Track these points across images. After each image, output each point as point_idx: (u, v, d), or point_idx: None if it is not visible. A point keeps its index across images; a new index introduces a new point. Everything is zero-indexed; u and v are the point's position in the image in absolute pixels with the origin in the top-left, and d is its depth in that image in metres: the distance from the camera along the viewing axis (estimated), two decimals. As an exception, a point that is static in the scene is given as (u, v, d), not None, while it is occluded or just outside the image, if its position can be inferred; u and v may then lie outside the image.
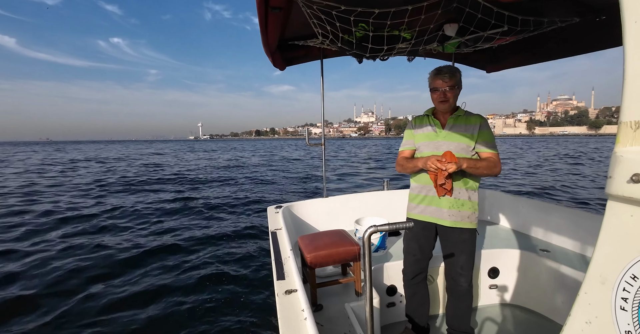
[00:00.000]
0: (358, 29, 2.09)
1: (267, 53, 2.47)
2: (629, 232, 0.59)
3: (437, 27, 2.21)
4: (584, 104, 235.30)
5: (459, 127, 1.82)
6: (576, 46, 2.48)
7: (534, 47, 2.68)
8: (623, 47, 0.59)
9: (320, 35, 2.21)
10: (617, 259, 0.60)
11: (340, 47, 2.34)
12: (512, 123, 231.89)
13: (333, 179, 13.17)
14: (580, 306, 0.66)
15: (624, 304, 0.60)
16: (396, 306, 2.28)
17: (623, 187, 0.59)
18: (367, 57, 2.53)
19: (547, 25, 2.06)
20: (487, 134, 1.79)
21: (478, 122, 1.79)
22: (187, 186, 12.02)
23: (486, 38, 2.25)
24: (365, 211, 3.08)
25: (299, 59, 2.94)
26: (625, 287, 0.59)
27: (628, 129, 0.59)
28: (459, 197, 1.82)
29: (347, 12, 1.79)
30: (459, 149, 1.79)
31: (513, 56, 2.96)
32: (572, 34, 2.32)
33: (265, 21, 1.87)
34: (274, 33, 2.09)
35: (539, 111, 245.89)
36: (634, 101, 0.58)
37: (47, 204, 8.84)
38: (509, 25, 2.02)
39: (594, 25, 2.09)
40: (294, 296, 1.38)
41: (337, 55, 2.90)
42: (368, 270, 1.09)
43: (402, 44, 2.34)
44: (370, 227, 1.10)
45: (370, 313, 1.12)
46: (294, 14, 1.93)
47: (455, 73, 1.78)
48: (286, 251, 1.89)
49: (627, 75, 0.58)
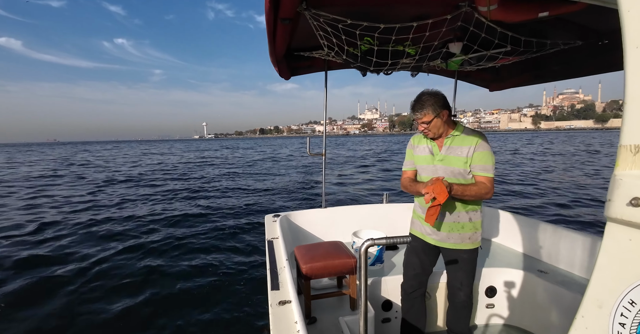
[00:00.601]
0: (363, 43, 2.12)
1: (274, 63, 2.50)
2: (628, 257, 0.59)
3: (441, 44, 2.25)
4: (591, 98, 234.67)
5: (455, 149, 1.77)
6: (578, 69, 2.51)
7: (536, 68, 2.72)
8: (624, 72, 0.60)
9: (325, 47, 2.24)
10: (615, 283, 0.60)
11: (345, 59, 2.37)
12: (517, 118, 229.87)
13: (333, 181, 13.10)
14: (577, 329, 0.65)
15: (621, 329, 0.59)
16: (391, 322, 2.24)
17: (622, 210, 0.59)
18: (371, 71, 2.56)
19: (550, 47, 2.09)
20: (482, 155, 1.72)
21: (474, 144, 1.73)
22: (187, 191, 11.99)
23: (489, 57, 2.28)
24: (364, 224, 3.07)
25: (304, 69, 2.98)
26: (623, 312, 0.59)
27: (628, 153, 0.59)
28: (458, 221, 1.81)
29: (353, 26, 1.83)
30: (455, 174, 1.76)
31: (515, 76, 2.99)
32: (575, 57, 2.35)
33: (273, 32, 1.90)
34: (282, 44, 2.12)
35: (545, 105, 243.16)
36: (634, 125, 0.58)
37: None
38: (512, 46, 2.05)
39: (597, 49, 2.12)
40: (288, 308, 1.36)
41: (342, 67, 2.94)
42: (364, 284, 1.08)
43: (406, 60, 2.37)
44: (368, 240, 1.10)
45: (365, 328, 1.11)
46: (301, 25, 1.96)
47: (423, 107, 1.71)
48: (282, 261, 1.87)
49: (627, 100, 0.59)
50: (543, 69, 2.73)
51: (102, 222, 7.06)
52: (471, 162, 1.73)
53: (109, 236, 6.12)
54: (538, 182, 11.72)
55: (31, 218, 7.50)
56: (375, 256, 2.38)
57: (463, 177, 1.76)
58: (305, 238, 2.99)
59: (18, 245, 5.61)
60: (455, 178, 1.76)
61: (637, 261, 0.58)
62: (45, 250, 5.34)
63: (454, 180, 1.75)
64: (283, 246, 2.08)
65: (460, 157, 1.75)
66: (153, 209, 8.50)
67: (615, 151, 0.62)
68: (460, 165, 1.74)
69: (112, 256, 5.07)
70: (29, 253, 5.16)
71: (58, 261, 4.86)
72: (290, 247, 2.42)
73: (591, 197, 9.13)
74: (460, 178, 1.76)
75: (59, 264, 4.76)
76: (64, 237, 6.04)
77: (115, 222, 7.07)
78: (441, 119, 1.73)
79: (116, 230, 6.49)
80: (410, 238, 1.14)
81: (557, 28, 1.97)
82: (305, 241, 2.89)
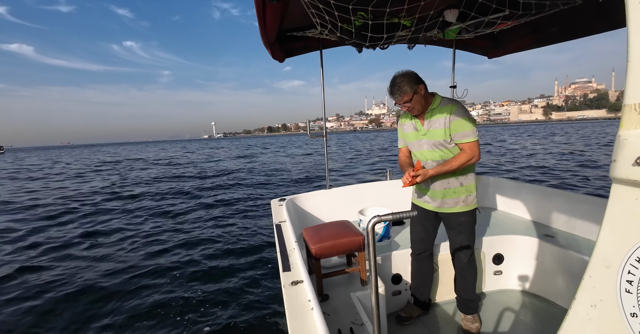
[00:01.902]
0: (357, 18, 2.06)
1: (266, 45, 2.44)
2: (634, 216, 0.59)
3: (437, 14, 2.18)
4: (604, 87, 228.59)
5: (435, 122, 1.84)
6: (579, 29, 2.43)
7: (536, 30, 2.64)
8: (627, 29, 0.58)
9: (318, 26, 2.18)
10: (622, 242, 0.60)
11: (339, 36, 2.31)
12: (528, 109, 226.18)
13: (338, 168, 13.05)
14: (585, 290, 0.67)
15: (629, 287, 0.60)
16: (401, 294, 2.30)
17: (627, 170, 0.58)
18: (366, 46, 2.49)
19: (549, 8, 2.02)
20: (458, 123, 1.77)
21: (448, 113, 1.78)
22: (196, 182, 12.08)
23: (487, 23, 2.21)
24: (369, 201, 3.09)
25: (298, 50, 2.92)
26: (630, 270, 0.60)
27: (632, 112, 0.58)
28: (449, 187, 1.91)
29: (345, 1, 1.76)
30: (437, 145, 1.86)
31: (515, 41, 2.91)
32: (575, 17, 2.27)
33: (263, 13, 1.85)
34: (273, 25, 2.06)
35: (556, 96, 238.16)
36: (638, 83, 0.57)
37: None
38: (511, 9, 1.98)
39: (597, 7, 2.05)
40: (300, 287, 1.40)
41: (337, 45, 2.87)
42: (373, 259, 1.10)
43: (402, 32, 2.30)
44: (374, 217, 1.11)
45: (376, 301, 1.13)
46: (292, 4, 1.90)
47: (400, 88, 1.77)
48: (291, 243, 1.90)
49: (631, 58, 0.57)
50: (543, 32, 2.65)
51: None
52: (450, 132, 1.80)
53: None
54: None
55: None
56: (382, 232, 2.41)
57: (444, 147, 1.85)
58: (312, 220, 3.03)
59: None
60: (438, 149, 1.86)
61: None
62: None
63: (437, 151, 1.87)
64: (291, 229, 2.11)
65: (439, 129, 1.82)
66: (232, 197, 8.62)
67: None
68: (441, 136, 1.83)
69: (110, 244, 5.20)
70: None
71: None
72: (298, 230, 2.46)
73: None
74: (443, 148, 1.85)
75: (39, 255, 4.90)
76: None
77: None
78: (419, 94, 1.79)
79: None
80: (416, 212, 1.16)
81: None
82: (313, 223, 2.92)
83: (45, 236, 6.11)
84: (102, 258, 4.86)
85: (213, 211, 7.48)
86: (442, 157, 1.87)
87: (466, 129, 1.77)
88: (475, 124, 1.79)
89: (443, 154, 1.86)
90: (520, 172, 10.79)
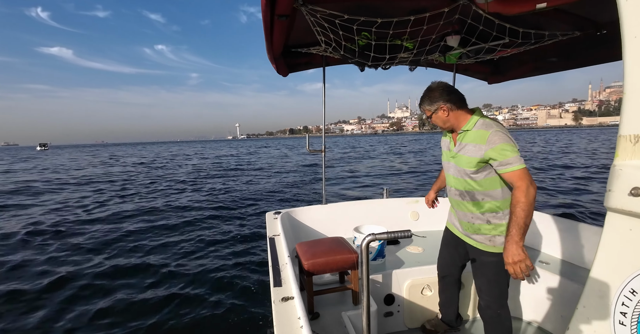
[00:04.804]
0: (361, 38, 2.11)
1: (271, 60, 2.49)
2: (628, 246, 0.59)
3: (439, 38, 2.24)
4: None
5: (465, 146, 1.63)
6: (577, 60, 2.50)
7: (535, 59, 2.71)
8: (623, 62, 0.60)
9: (323, 43, 2.23)
10: (616, 273, 0.60)
11: (342, 55, 2.36)
12: (557, 114, 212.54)
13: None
14: (579, 319, 0.66)
15: (622, 319, 0.59)
16: (394, 316, 2.25)
17: (622, 200, 0.58)
18: (369, 66, 2.55)
19: (548, 38, 2.08)
20: (495, 150, 1.49)
21: (484, 142, 1.53)
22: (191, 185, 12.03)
23: (488, 49, 2.27)
24: (365, 219, 3.07)
25: (301, 65, 2.97)
26: (624, 301, 0.59)
27: (627, 143, 0.59)
28: (473, 222, 1.69)
29: (350, 21, 1.82)
30: (463, 174, 1.66)
31: (515, 68, 2.98)
32: (573, 48, 2.34)
33: (270, 29, 1.89)
34: (279, 40, 2.11)
35: (590, 100, 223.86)
36: (633, 115, 0.58)
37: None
38: (510, 38, 2.04)
39: (595, 39, 2.11)
40: (290, 304, 1.37)
41: (340, 63, 2.93)
42: (365, 278, 1.08)
43: (404, 54, 2.36)
44: (369, 235, 1.10)
45: (367, 322, 1.11)
46: (298, 21, 1.95)
47: (423, 102, 1.70)
48: (284, 258, 1.88)
49: (626, 90, 0.58)
50: (542, 61, 2.71)
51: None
52: (491, 162, 1.54)
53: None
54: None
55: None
56: (377, 250, 2.39)
57: (471, 178, 1.63)
58: (307, 235, 2.99)
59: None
60: (463, 178, 1.66)
61: (638, 251, 0.58)
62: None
63: (462, 181, 1.67)
64: (285, 243, 2.09)
65: (470, 157, 1.59)
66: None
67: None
68: (467, 166, 1.61)
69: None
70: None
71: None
72: (292, 244, 2.43)
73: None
74: (468, 179, 1.64)
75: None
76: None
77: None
78: (440, 113, 1.64)
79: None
80: (411, 232, 1.15)
81: (555, 19, 1.95)
82: (307, 238, 2.89)
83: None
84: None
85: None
86: (466, 189, 1.66)
87: (507, 156, 1.46)
88: (517, 148, 1.49)
89: (467, 185, 1.65)
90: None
